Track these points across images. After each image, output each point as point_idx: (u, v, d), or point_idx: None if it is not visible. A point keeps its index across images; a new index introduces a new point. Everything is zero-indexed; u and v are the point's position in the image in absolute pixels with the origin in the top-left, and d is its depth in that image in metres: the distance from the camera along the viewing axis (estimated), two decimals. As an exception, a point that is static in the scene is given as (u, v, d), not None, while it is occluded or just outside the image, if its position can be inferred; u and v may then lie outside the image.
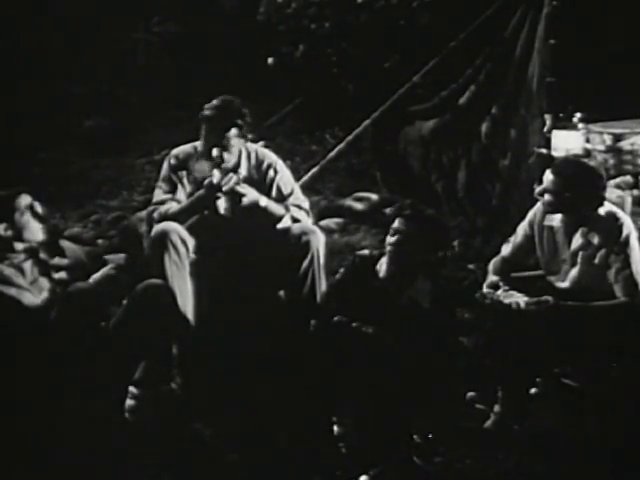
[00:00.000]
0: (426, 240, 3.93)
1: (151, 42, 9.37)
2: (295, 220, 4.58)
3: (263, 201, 4.50)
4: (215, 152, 4.46)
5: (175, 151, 4.67)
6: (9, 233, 3.94)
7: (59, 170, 8.18)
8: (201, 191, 4.46)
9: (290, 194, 4.65)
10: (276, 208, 4.54)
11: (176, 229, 4.39)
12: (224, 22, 9.25)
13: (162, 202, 4.54)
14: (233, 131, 4.49)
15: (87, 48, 8.90)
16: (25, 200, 3.98)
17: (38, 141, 8.42)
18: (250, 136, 4.61)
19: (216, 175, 4.42)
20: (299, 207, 4.64)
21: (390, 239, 3.98)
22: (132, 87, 9.25)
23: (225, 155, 4.49)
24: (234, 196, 4.43)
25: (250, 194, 4.45)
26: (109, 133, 9.00)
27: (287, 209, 4.58)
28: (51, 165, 8.24)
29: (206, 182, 4.43)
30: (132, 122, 9.08)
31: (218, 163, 4.47)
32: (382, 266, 4.03)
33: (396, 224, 3.97)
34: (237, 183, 4.42)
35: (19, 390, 3.68)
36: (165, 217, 4.47)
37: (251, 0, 8.74)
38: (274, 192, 4.61)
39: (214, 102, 4.56)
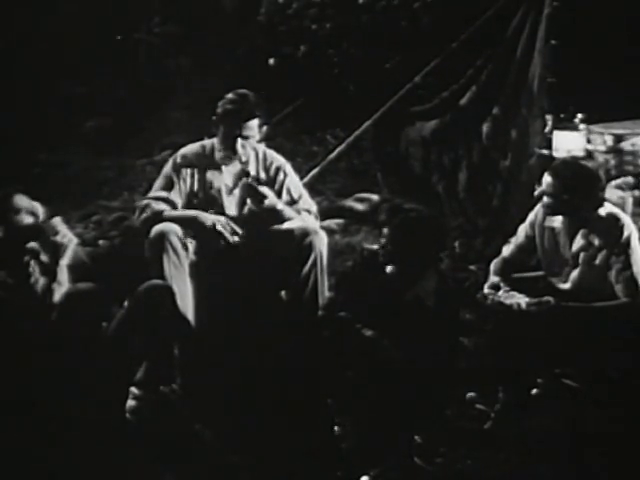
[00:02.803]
0: (407, 240, 3.94)
1: (152, 42, 9.36)
2: None
3: (280, 205, 4.50)
4: (239, 145, 4.49)
5: (183, 150, 4.66)
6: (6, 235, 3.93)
7: (60, 171, 8.17)
8: (204, 219, 4.46)
9: (300, 197, 4.66)
10: (289, 212, 4.54)
11: (175, 230, 4.38)
12: (225, 23, 9.25)
13: (156, 198, 4.53)
14: (255, 121, 4.50)
15: (88, 48, 8.89)
16: (21, 201, 3.96)
17: (39, 142, 8.41)
18: (264, 127, 4.61)
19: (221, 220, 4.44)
20: (308, 212, 4.65)
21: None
22: (132, 87, 9.24)
23: (247, 146, 4.52)
24: (257, 196, 4.44)
25: (271, 197, 4.46)
26: (110, 133, 8.98)
27: (299, 213, 4.59)
28: (52, 166, 8.23)
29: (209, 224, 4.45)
30: (132, 122, 9.07)
31: (246, 172, 4.50)
32: None
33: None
34: (258, 182, 4.44)
35: (20, 390, 3.68)
36: (157, 216, 4.46)
37: (252, 1, 8.74)
38: (284, 195, 4.62)
39: (230, 96, 4.58)
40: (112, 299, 4.06)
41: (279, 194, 4.62)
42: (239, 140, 4.50)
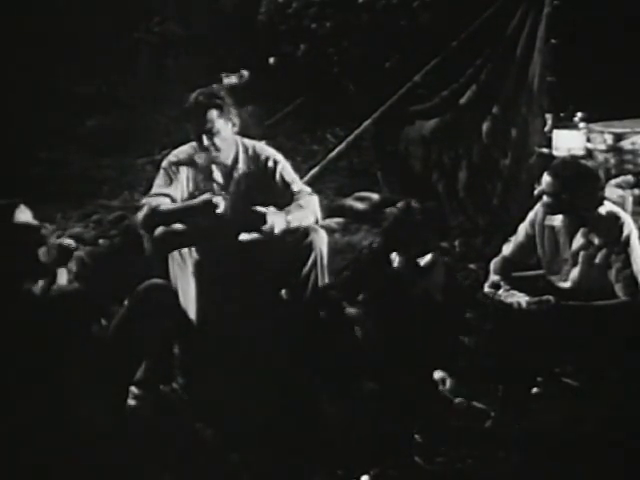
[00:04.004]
0: (403, 237, 3.98)
1: (152, 42, 9.37)
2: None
3: (289, 219, 4.46)
4: (205, 140, 4.47)
5: (175, 151, 4.68)
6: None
7: (60, 170, 8.19)
8: (198, 202, 4.45)
9: (293, 181, 4.65)
10: (299, 215, 4.52)
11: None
12: (225, 22, 9.25)
13: (155, 195, 4.53)
14: (214, 113, 4.47)
15: (88, 48, 8.90)
16: (24, 216, 3.97)
17: (39, 141, 8.42)
18: (236, 120, 4.58)
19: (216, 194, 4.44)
20: (307, 192, 4.63)
21: None
22: (132, 87, 9.25)
23: (217, 141, 4.50)
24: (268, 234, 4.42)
25: (278, 224, 4.42)
26: (110, 133, 9.00)
27: (297, 199, 4.56)
28: (52, 165, 8.25)
29: (205, 198, 4.43)
30: (132, 122, 9.08)
31: (214, 158, 4.49)
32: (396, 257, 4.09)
33: None
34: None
35: (19, 390, 3.68)
36: (155, 211, 4.45)
37: (252, 1, 8.75)
38: (279, 181, 4.60)
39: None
40: (111, 298, 4.06)
41: (274, 181, 4.60)
42: (204, 139, 4.50)
